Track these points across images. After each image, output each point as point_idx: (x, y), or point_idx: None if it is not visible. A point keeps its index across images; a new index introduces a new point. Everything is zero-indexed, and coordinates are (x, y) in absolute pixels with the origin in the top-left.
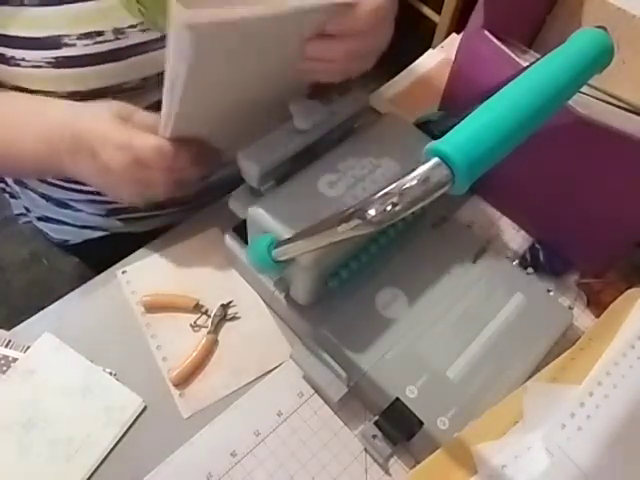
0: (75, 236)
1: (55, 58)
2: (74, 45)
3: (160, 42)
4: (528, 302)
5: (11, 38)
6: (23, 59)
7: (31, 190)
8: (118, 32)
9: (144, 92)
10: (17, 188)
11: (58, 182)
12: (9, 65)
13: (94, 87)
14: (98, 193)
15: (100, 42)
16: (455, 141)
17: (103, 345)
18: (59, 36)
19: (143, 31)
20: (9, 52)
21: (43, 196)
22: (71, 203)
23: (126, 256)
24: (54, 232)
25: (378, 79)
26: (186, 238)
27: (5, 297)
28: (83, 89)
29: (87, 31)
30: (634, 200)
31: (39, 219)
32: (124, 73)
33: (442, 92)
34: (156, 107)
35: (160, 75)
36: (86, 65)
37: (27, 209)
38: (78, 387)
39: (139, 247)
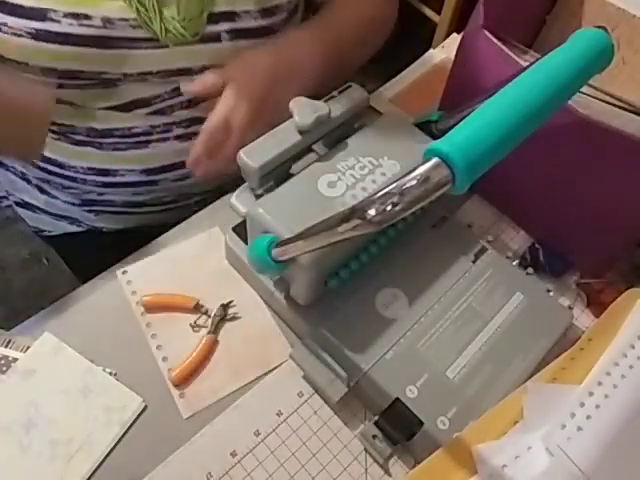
0: (51, 227)
1: (36, 30)
2: (59, 22)
3: (148, 42)
4: (528, 302)
5: None
6: (5, 24)
7: (12, 172)
8: (107, 21)
9: (121, 87)
10: None
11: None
12: None
13: (69, 68)
14: (74, 179)
15: (86, 25)
16: (455, 141)
17: (103, 345)
18: (46, 9)
19: (134, 27)
20: None
21: (23, 177)
22: (46, 187)
23: (106, 254)
24: (30, 219)
25: (378, 79)
26: (186, 238)
27: (5, 297)
28: (58, 67)
29: (75, 12)
30: (634, 200)
31: (17, 204)
32: (104, 62)
33: (442, 92)
34: (131, 106)
35: (140, 75)
36: (66, 44)
37: (7, 192)
38: (78, 387)
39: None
